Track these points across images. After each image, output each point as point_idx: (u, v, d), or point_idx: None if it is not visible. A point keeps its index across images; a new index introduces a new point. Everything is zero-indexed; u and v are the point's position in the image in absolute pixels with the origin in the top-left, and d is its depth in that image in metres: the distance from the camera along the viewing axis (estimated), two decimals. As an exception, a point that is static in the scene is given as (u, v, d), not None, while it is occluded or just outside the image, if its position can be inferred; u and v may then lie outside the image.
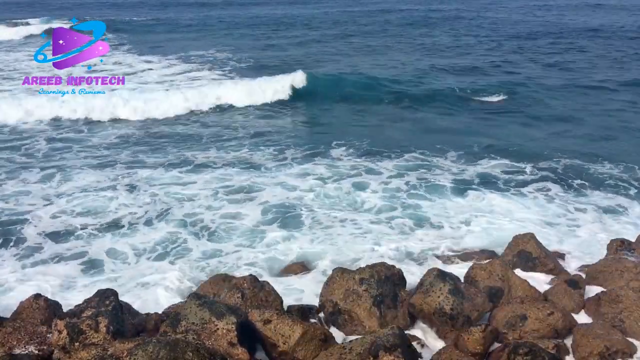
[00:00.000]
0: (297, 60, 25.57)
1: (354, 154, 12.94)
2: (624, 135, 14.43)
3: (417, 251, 8.32)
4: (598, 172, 11.65)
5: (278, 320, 5.58)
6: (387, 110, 17.77)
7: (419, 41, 32.05)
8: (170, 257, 8.24)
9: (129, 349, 4.77)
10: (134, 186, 10.94)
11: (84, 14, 46.35)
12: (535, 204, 10.08)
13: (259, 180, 11.20)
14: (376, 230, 9.03)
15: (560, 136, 14.59)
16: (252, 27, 39.83)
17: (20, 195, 10.51)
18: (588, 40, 31.02)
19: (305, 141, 14.05)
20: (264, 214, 9.69)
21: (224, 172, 11.70)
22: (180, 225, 9.22)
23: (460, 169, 11.95)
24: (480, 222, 9.25)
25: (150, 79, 21.74)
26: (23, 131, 15.29)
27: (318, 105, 18.03)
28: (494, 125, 15.82)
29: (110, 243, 8.63)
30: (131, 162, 12.55)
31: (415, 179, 11.24)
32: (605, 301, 6.16)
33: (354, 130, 15.12)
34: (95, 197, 10.38)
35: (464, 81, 21.04)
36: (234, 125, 15.87)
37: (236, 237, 8.89)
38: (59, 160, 12.72)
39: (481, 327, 5.71)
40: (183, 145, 13.87)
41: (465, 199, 10.34)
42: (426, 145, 13.47)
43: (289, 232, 9.02)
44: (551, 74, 22.29)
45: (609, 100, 18.24)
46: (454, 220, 9.37)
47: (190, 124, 16.14)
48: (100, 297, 5.79)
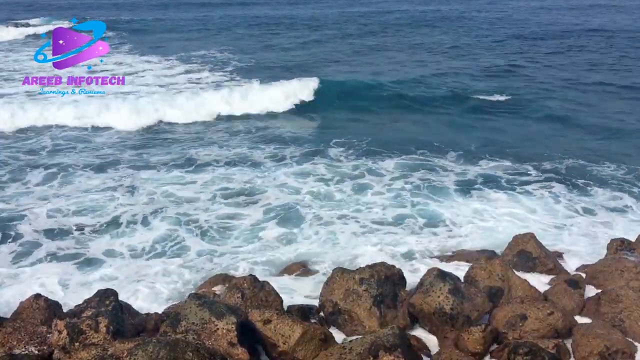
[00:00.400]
0: (298, 63, 25.47)
1: (354, 154, 12.95)
2: (625, 136, 14.43)
3: (417, 251, 8.32)
4: (598, 172, 11.66)
5: (278, 320, 5.58)
6: (389, 111, 17.75)
7: (417, 41, 32.04)
8: (169, 255, 8.26)
9: (129, 349, 4.77)
10: (134, 187, 10.95)
11: (84, 14, 46.37)
12: (536, 203, 10.08)
13: (264, 181, 11.25)
14: (376, 230, 9.04)
15: (561, 136, 14.60)
16: (253, 27, 39.79)
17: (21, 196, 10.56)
18: (589, 39, 31.04)
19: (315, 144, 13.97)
20: (266, 214, 9.74)
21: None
22: (176, 223, 9.27)
23: (461, 168, 11.96)
24: (480, 222, 9.26)
25: (151, 81, 21.67)
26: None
27: (330, 111, 17.74)
28: (495, 126, 15.82)
29: (108, 243, 8.65)
30: (134, 162, 12.58)
31: (417, 179, 11.25)
32: (605, 301, 6.16)
33: (355, 130, 15.11)
34: (94, 196, 10.40)
35: (464, 82, 21.04)
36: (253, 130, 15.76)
37: (236, 236, 8.91)
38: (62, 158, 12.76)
39: (481, 327, 5.72)
40: (185, 146, 13.91)
41: (465, 198, 10.35)
42: (427, 145, 13.48)
43: (289, 230, 9.04)
44: (552, 75, 22.30)
45: (609, 100, 18.24)
46: (454, 220, 9.38)
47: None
48: (100, 297, 5.80)
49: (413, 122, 16.62)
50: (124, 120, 15.91)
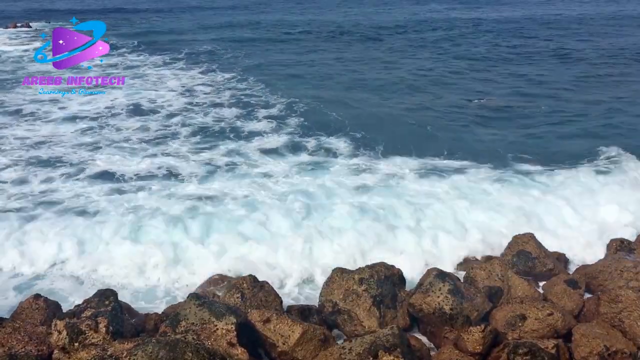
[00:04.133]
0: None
1: (354, 153, 12.93)
2: (625, 136, 14.41)
3: (417, 250, 8.30)
4: (599, 172, 11.63)
5: (278, 321, 5.59)
6: (389, 111, 17.71)
7: (413, 43, 31.90)
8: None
9: (128, 349, 4.78)
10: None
11: (84, 14, 46.29)
12: (535, 203, 10.06)
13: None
14: (376, 230, 9.00)
15: (560, 136, 14.57)
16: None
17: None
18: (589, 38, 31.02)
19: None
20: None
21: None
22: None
23: (462, 168, 11.94)
24: (480, 222, 9.23)
25: (150, 85, 21.54)
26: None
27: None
28: (495, 126, 15.79)
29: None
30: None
31: (417, 178, 11.23)
32: (605, 301, 6.17)
33: (356, 129, 15.06)
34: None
35: (464, 81, 21.03)
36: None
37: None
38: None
39: (481, 327, 5.73)
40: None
41: (466, 198, 10.32)
42: (428, 145, 13.46)
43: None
44: (552, 74, 22.29)
45: (609, 101, 18.23)
46: (454, 220, 9.34)
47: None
48: (100, 297, 5.80)
49: (414, 122, 16.58)
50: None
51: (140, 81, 20.68)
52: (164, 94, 18.52)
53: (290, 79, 20.90)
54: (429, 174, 11.26)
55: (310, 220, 8.96)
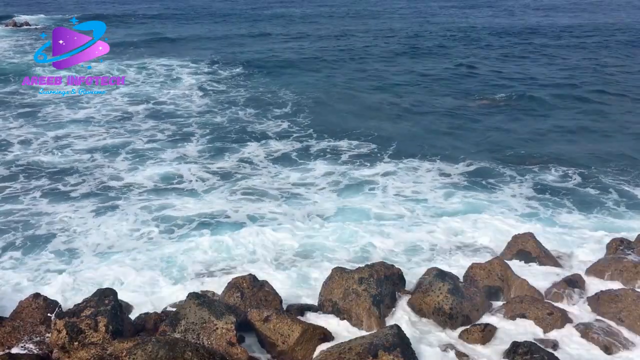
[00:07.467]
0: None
1: (355, 153, 12.95)
2: (624, 138, 14.41)
3: (417, 250, 8.31)
4: (599, 172, 11.65)
5: (277, 320, 5.58)
6: (389, 112, 17.71)
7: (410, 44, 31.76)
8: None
9: (128, 348, 4.77)
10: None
11: (84, 14, 46.18)
12: (535, 203, 10.08)
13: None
14: (376, 229, 9.01)
15: (560, 137, 14.58)
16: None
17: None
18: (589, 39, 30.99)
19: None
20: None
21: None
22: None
23: (462, 168, 11.96)
24: (480, 222, 9.23)
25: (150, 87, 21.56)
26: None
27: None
28: (495, 126, 15.79)
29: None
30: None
31: (417, 178, 11.25)
32: (605, 300, 6.16)
33: (358, 129, 15.07)
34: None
35: (464, 82, 21.04)
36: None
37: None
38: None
39: (480, 326, 5.72)
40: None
41: (466, 198, 10.33)
42: (428, 145, 13.47)
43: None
44: (552, 74, 22.28)
45: (610, 101, 18.23)
46: (454, 219, 9.35)
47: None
48: (100, 296, 5.78)
49: (414, 122, 16.55)
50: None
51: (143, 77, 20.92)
52: (166, 93, 18.63)
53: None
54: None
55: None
